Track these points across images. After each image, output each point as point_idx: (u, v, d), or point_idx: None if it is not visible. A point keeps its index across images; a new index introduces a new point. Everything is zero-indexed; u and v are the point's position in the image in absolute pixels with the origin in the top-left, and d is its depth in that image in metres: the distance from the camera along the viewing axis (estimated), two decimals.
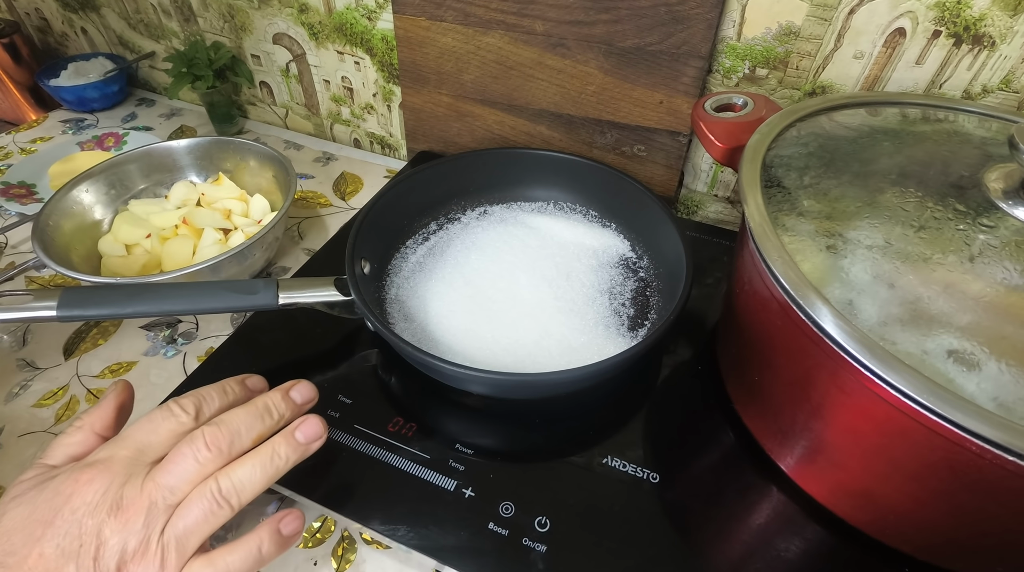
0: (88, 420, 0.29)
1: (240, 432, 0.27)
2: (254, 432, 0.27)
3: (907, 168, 0.36)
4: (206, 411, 0.27)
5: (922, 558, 0.33)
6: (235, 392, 0.29)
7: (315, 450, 0.29)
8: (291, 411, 0.29)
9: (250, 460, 0.26)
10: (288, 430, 0.28)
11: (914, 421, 0.25)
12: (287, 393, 0.30)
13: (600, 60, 0.54)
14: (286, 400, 0.29)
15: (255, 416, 0.27)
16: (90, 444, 0.28)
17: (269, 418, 0.28)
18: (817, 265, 0.31)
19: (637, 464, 0.38)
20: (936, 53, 0.46)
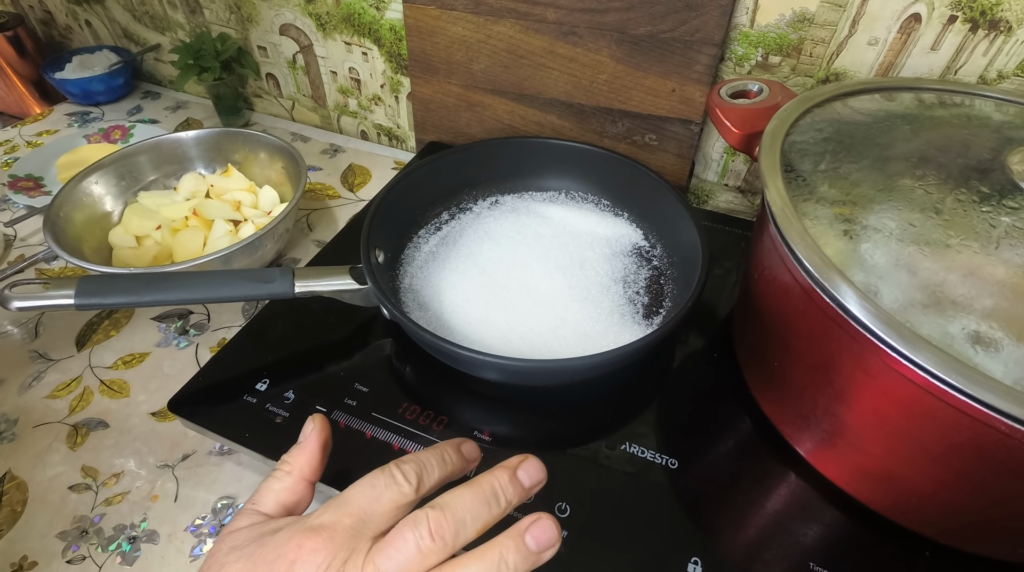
0: (296, 464, 0.28)
1: (466, 522, 0.23)
2: (479, 522, 0.24)
3: (925, 152, 0.36)
4: (427, 482, 0.25)
5: (943, 541, 0.33)
6: (453, 462, 0.27)
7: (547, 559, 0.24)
8: (518, 497, 0.25)
9: (475, 563, 0.23)
10: (517, 532, 0.23)
11: (941, 402, 0.25)
12: (515, 474, 0.25)
13: (612, 48, 0.54)
14: (514, 483, 0.25)
15: (482, 502, 0.24)
16: (300, 491, 0.27)
17: (496, 506, 0.24)
18: (837, 251, 0.31)
19: (655, 450, 0.38)
20: (952, 38, 0.46)
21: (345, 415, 0.39)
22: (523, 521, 0.24)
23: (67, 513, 0.40)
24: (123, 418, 0.45)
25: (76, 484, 0.41)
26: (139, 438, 0.44)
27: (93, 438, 0.44)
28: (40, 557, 0.38)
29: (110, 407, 0.46)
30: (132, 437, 0.44)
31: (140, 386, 0.47)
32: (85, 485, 0.41)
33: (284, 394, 0.40)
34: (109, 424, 0.45)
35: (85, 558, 0.38)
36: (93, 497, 0.40)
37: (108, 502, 0.40)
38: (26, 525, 0.39)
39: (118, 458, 0.43)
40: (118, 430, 0.44)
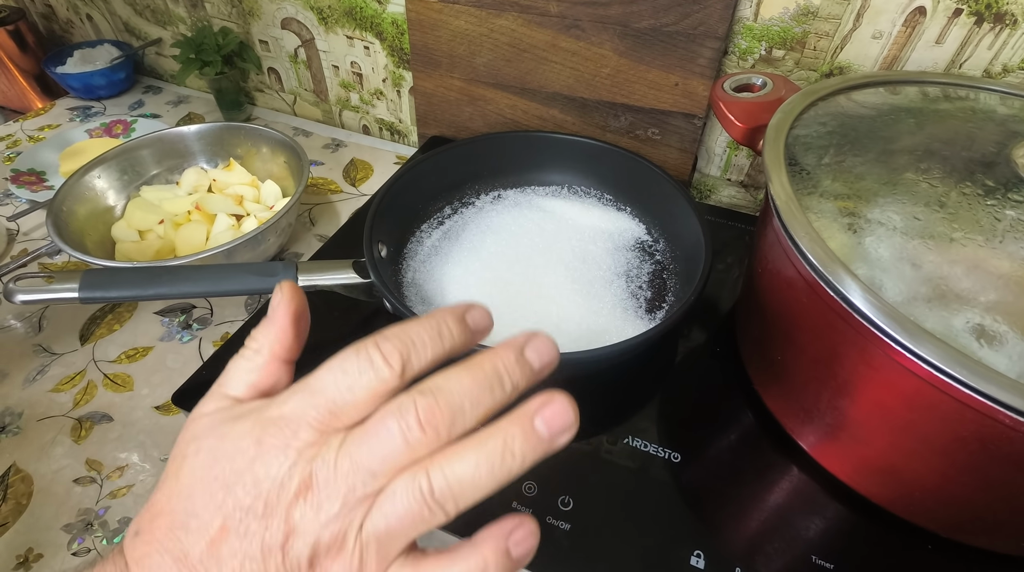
0: (266, 340, 0.23)
1: (464, 409, 0.20)
2: (479, 410, 0.20)
3: (930, 146, 0.36)
4: (415, 364, 0.20)
5: (946, 535, 0.33)
6: (453, 337, 0.21)
7: (561, 447, 0.20)
8: (526, 381, 0.21)
9: (473, 453, 0.19)
10: (525, 414, 0.20)
11: (945, 395, 0.25)
12: (522, 352, 0.21)
13: (615, 42, 0.54)
14: (520, 363, 0.21)
15: (483, 386, 0.20)
16: (275, 372, 0.23)
17: (500, 391, 0.20)
18: (841, 244, 0.31)
19: (657, 444, 0.38)
20: (956, 32, 0.45)
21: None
22: (532, 402, 0.20)
23: (72, 506, 0.40)
24: (127, 412, 0.45)
25: (81, 477, 0.41)
26: (143, 431, 0.44)
27: (97, 431, 0.44)
28: (46, 549, 0.38)
29: (114, 401, 0.46)
30: (136, 430, 0.44)
31: (143, 380, 0.47)
32: (90, 478, 0.41)
33: None
34: (113, 417, 0.45)
35: (91, 550, 0.38)
36: (98, 490, 0.41)
37: (113, 495, 0.40)
38: (31, 517, 0.39)
39: (122, 451, 0.43)
40: (122, 423, 0.44)
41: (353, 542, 0.19)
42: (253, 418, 0.21)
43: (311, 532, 0.19)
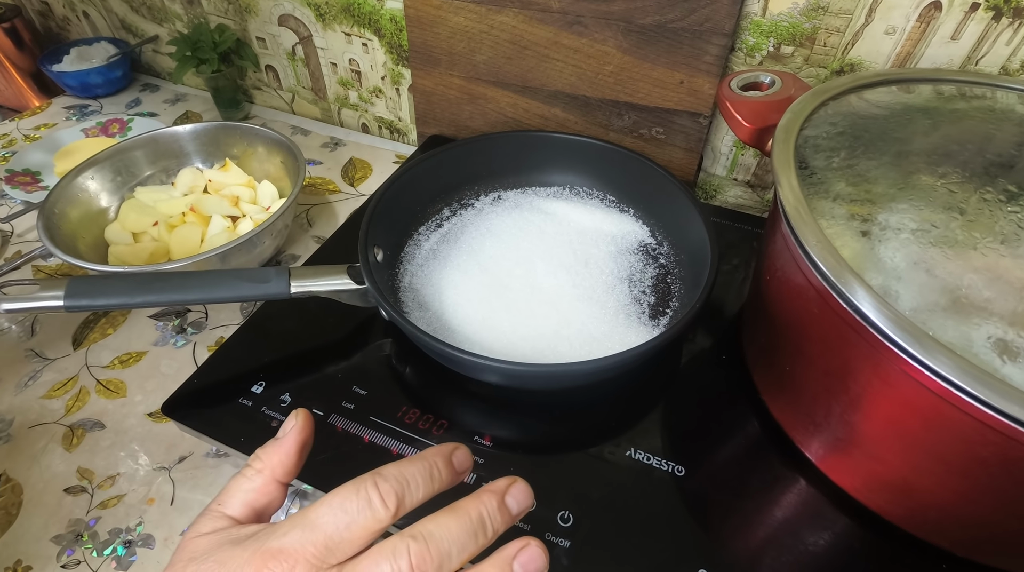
0: (269, 463, 0.25)
1: (451, 554, 0.21)
2: (465, 554, 0.22)
3: (946, 147, 0.35)
4: (407, 504, 0.23)
5: (960, 554, 0.31)
6: (441, 478, 0.24)
7: None
8: (504, 525, 0.23)
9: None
10: (504, 559, 0.22)
11: (964, 413, 0.24)
12: (503, 500, 0.23)
13: (618, 38, 0.52)
14: (502, 511, 0.23)
15: (468, 532, 0.22)
16: (271, 493, 0.25)
17: (483, 536, 0.22)
18: (853, 251, 0.30)
19: (661, 456, 0.37)
20: (973, 27, 0.44)
21: (342, 419, 0.38)
22: (510, 547, 0.22)
23: (62, 516, 0.39)
24: (119, 419, 0.44)
25: (71, 486, 0.40)
26: (135, 439, 0.43)
27: (89, 439, 0.43)
28: (35, 561, 0.37)
29: (106, 407, 0.45)
30: (128, 438, 0.43)
31: (137, 386, 0.46)
32: (80, 488, 0.40)
33: (280, 397, 0.40)
34: (105, 425, 0.44)
35: (80, 562, 0.37)
36: (88, 500, 0.40)
37: (104, 505, 0.39)
38: (20, 528, 0.38)
39: (114, 460, 0.42)
40: (114, 431, 0.43)
41: None
42: (252, 548, 0.22)
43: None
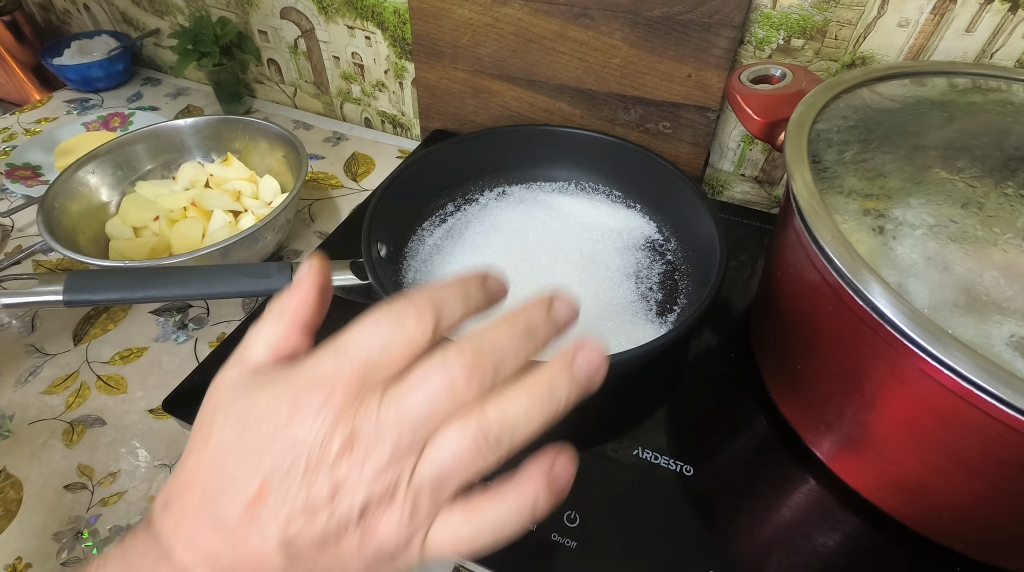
0: (288, 306, 0.23)
1: (504, 360, 0.20)
2: (520, 358, 0.20)
3: (962, 141, 0.34)
4: (445, 323, 0.20)
5: (975, 556, 0.31)
6: (476, 300, 0.22)
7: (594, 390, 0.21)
8: (553, 333, 0.22)
9: (524, 395, 0.20)
10: (564, 359, 0.20)
11: (985, 414, 0.23)
12: (549, 309, 0.22)
13: (625, 31, 0.51)
14: (548, 319, 0.21)
15: (518, 338, 0.20)
16: (296, 339, 0.23)
17: (532, 343, 0.20)
18: (868, 247, 0.29)
19: (669, 455, 0.36)
20: (989, 19, 0.43)
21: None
22: (569, 348, 0.21)
23: (62, 513, 0.39)
24: (120, 415, 0.44)
25: (72, 483, 0.40)
26: (136, 436, 0.43)
27: (90, 435, 0.43)
28: (35, 559, 0.37)
29: (107, 403, 0.44)
30: (129, 435, 0.43)
31: (138, 382, 0.46)
32: (81, 484, 0.40)
33: None
34: (106, 421, 0.43)
35: (81, 560, 0.36)
36: (89, 497, 0.39)
37: (104, 502, 0.39)
38: (20, 525, 0.38)
39: (115, 457, 0.41)
40: (115, 427, 0.43)
41: (404, 491, 0.19)
42: (283, 382, 0.20)
43: (360, 485, 0.19)
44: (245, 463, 0.20)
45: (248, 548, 0.19)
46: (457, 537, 0.20)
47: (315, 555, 0.19)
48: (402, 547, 0.19)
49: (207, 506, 0.20)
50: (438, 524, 0.20)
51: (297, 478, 0.19)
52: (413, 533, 0.19)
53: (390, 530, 0.19)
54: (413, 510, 0.19)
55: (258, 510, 0.19)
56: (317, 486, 0.19)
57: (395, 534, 0.19)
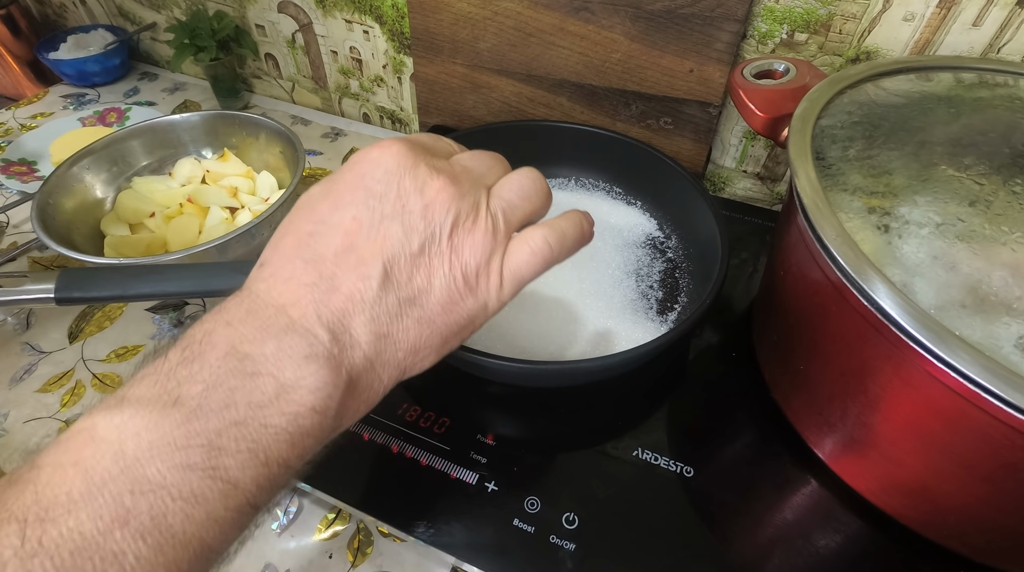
0: None
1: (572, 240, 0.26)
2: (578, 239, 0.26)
3: (969, 138, 0.33)
4: None
5: (980, 560, 0.30)
6: None
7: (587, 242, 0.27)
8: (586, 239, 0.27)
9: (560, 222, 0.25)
10: (584, 215, 0.27)
11: (992, 417, 0.23)
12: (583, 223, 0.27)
13: (626, 25, 0.51)
14: (586, 227, 0.27)
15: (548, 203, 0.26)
16: None
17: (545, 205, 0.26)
18: (873, 246, 0.28)
19: (669, 456, 0.36)
20: (996, 13, 0.42)
21: None
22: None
23: None
24: None
25: None
26: None
27: None
28: None
29: None
30: None
31: None
32: None
33: None
34: None
35: None
36: None
37: None
38: None
39: None
40: None
41: (486, 211, 0.23)
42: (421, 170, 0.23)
43: (448, 206, 0.22)
44: (337, 202, 0.22)
45: (344, 275, 0.21)
46: (532, 249, 0.24)
47: (406, 277, 0.22)
48: (483, 265, 0.23)
49: (302, 248, 0.22)
50: (514, 243, 0.24)
51: (390, 202, 0.22)
52: (494, 249, 0.23)
53: (476, 244, 0.22)
54: (494, 226, 0.23)
55: (354, 238, 0.21)
56: (410, 208, 0.22)
57: (480, 248, 0.23)
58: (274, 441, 0.19)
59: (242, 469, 0.18)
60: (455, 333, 0.23)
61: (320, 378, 0.20)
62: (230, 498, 0.18)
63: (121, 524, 0.16)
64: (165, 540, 0.16)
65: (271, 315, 0.20)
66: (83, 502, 0.16)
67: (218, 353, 0.19)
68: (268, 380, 0.19)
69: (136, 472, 0.17)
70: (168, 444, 0.17)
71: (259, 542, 0.36)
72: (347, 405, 0.21)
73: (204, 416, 0.18)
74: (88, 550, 0.15)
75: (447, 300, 0.22)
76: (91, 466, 0.17)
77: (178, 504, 0.17)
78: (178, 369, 0.19)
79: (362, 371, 0.21)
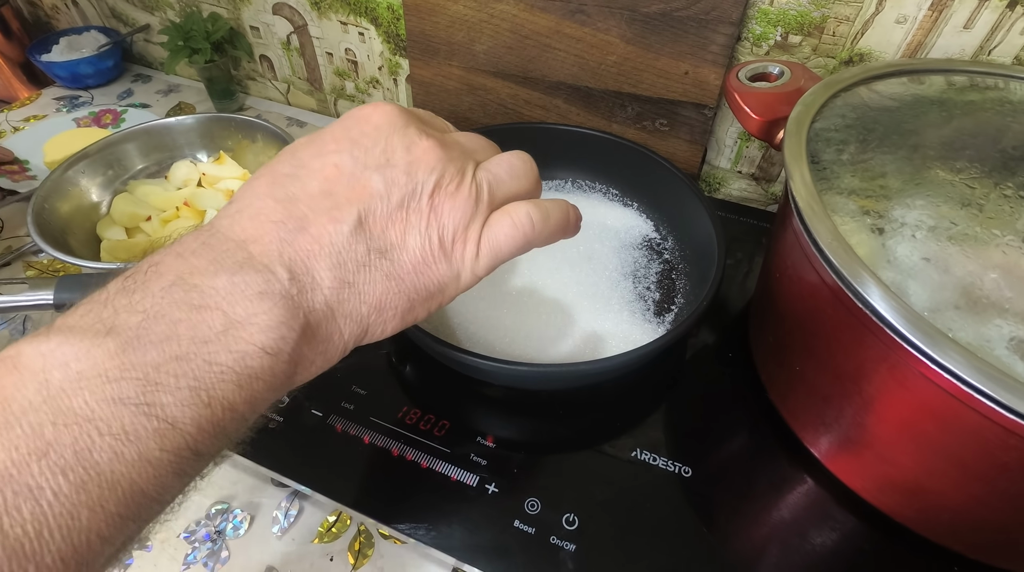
0: None
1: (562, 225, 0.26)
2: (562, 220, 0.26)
3: (961, 140, 0.34)
4: None
5: (973, 557, 0.31)
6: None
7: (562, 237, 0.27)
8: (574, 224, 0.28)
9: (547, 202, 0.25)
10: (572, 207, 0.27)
11: (985, 417, 0.23)
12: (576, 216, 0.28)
13: (622, 27, 0.51)
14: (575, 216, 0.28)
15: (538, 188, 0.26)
16: None
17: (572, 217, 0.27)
18: (868, 249, 0.29)
19: (667, 457, 0.36)
20: (987, 16, 0.43)
21: (342, 419, 0.37)
22: None
23: None
24: None
25: None
26: None
27: None
28: None
29: None
30: None
31: None
32: None
33: None
34: None
35: None
36: None
37: None
38: None
39: None
40: None
41: (470, 179, 0.23)
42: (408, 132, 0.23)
43: (434, 166, 0.22)
44: (320, 149, 0.22)
45: (315, 218, 0.20)
46: (514, 221, 0.23)
47: (380, 229, 0.21)
48: (461, 231, 0.22)
49: (277, 187, 0.21)
50: (496, 214, 0.23)
51: (379, 156, 0.22)
52: (474, 216, 0.23)
53: (456, 208, 0.22)
54: (478, 193, 0.23)
55: (333, 184, 0.21)
56: (394, 162, 0.22)
57: (460, 213, 0.22)
58: (219, 381, 0.18)
59: (181, 408, 0.17)
60: (423, 299, 0.22)
61: (274, 317, 0.19)
62: (167, 438, 0.17)
63: (39, 456, 0.15)
64: (90, 477, 0.15)
65: (228, 249, 0.19)
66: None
67: (163, 283, 0.18)
68: (216, 314, 0.18)
69: (60, 403, 0.16)
70: (98, 375, 0.16)
71: (260, 545, 0.36)
72: (303, 353, 0.20)
73: (141, 348, 0.17)
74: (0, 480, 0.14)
75: (419, 260, 0.22)
76: (10, 395, 0.16)
77: (106, 440, 0.16)
78: (116, 298, 0.18)
79: (322, 318, 0.20)
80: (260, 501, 0.38)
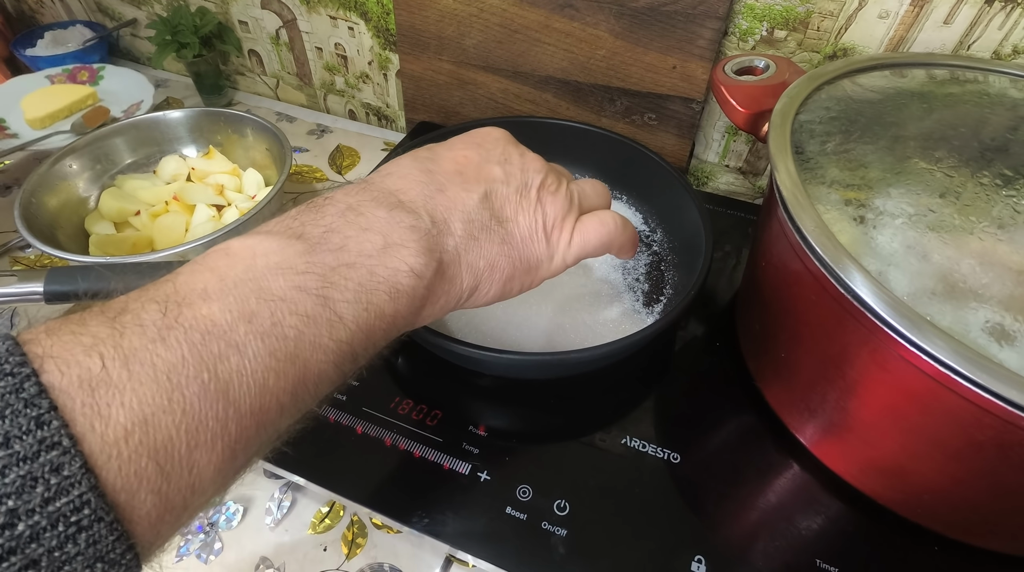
0: None
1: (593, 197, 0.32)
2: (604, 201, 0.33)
3: (941, 132, 0.34)
4: None
5: (953, 536, 0.32)
6: None
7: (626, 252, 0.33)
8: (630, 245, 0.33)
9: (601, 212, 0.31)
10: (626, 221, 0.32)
11: (962, 398, 0.24)
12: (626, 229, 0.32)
13: (611, 22, 0.51)
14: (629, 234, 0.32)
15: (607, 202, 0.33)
16: None
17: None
18: (850, 237, 0.29)
19: (656, 444, 0.37)
20: (967, 11, 0.44)
21: (335, 410, 0.38)
22: None
23: None
24: None
25: None
26: None
27: None
28: None
29: None
30: None
31: None
32: None
33: None
34: None
35: None
36: None
37: None
38: None
39: None
40: None
41: (565, 190, 0.29)
42: None
43: (539, 173, 0.29)
44: (449, 146, 0.28)
45: (451, 186, 0.26)
46: (602, 220, 0.30)
47: (499, 205, 0.27)
48: (559, 221, 0.28)
49: (418, 163, 0.27)
50: (586, 215, 0.30)
51: (499, 154, 0.28)
52: (569, 212, 0.29)
53: (556, 204, 0.28)
54: (571, 200, 0.29)
55: (463, 167, 0.27)
56: (511, 162, 0.28)
57: (559, 208, 0.28)
58: (375, 289, 0.21)
59: (347, 305, 0.20)
60: (522, 271, 0.27)
61: (420, 246, 0.23)
62: (335, 329, 0.20)
63: (246, 320, 0.18)
64: (279, 346, 0.19)
65: (384, 195, 0.24)
66: (216, 297, 0.18)
67: (338, 208, 0.23)
68: (377, 237, 0.22)
69: (262, 283, 0.19)
70: (290, 267, 0.20)
71: (253, 536, 0.36)
72: (435, 286, 0.24)
73: (322, 252, 0.21)
74: (216, 335, 0.17)
75: (527, 235, 0.27)
76: (225, 272, 0.19)
77: (293, 319, 0.19)
78: (302, 214, 0.23)
79: (451, 261, 0.25)
80: (253, 493, 0.38)
